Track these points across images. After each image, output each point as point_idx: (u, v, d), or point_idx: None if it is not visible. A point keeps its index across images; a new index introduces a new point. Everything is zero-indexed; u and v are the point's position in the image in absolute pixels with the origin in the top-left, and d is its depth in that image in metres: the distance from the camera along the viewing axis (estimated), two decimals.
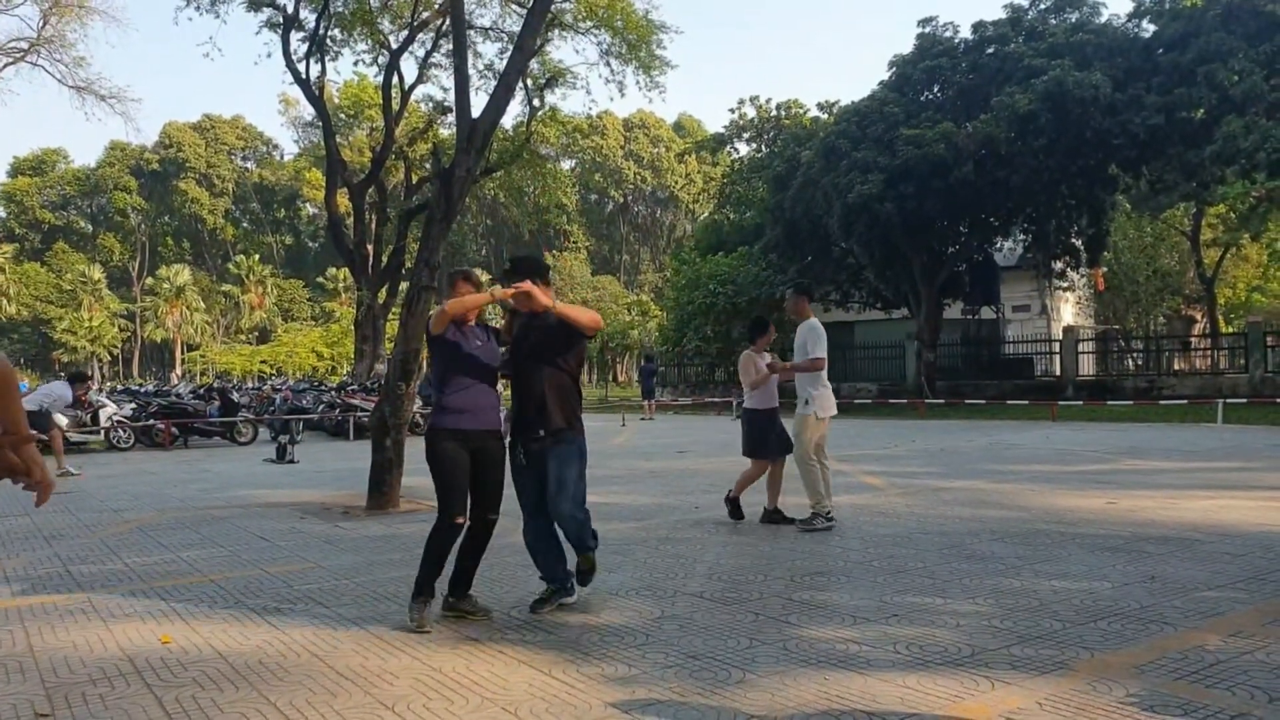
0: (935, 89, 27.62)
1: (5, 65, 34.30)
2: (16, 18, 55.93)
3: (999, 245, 30.47)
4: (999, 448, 14.45)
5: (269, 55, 33.48)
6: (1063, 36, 24.76)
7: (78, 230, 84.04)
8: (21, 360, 75.38)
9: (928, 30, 27.93)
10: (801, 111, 38.69)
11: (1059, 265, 29.41)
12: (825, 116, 34.85)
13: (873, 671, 3.73)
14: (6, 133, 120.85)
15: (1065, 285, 32.64)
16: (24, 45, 33.98)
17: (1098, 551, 6.09)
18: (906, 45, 28.52)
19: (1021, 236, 29.21)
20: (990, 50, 26.44)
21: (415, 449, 10.99)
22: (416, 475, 10.73)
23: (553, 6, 23.11)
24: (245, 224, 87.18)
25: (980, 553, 6.11)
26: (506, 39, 26.25)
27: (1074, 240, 28.24)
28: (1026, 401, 23.87)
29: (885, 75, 28.67)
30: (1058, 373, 28.63)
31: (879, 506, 8.32)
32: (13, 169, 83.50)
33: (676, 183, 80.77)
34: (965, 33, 27.40)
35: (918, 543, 6.50)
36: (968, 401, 24.45)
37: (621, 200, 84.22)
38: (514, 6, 24.71)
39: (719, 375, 33.85)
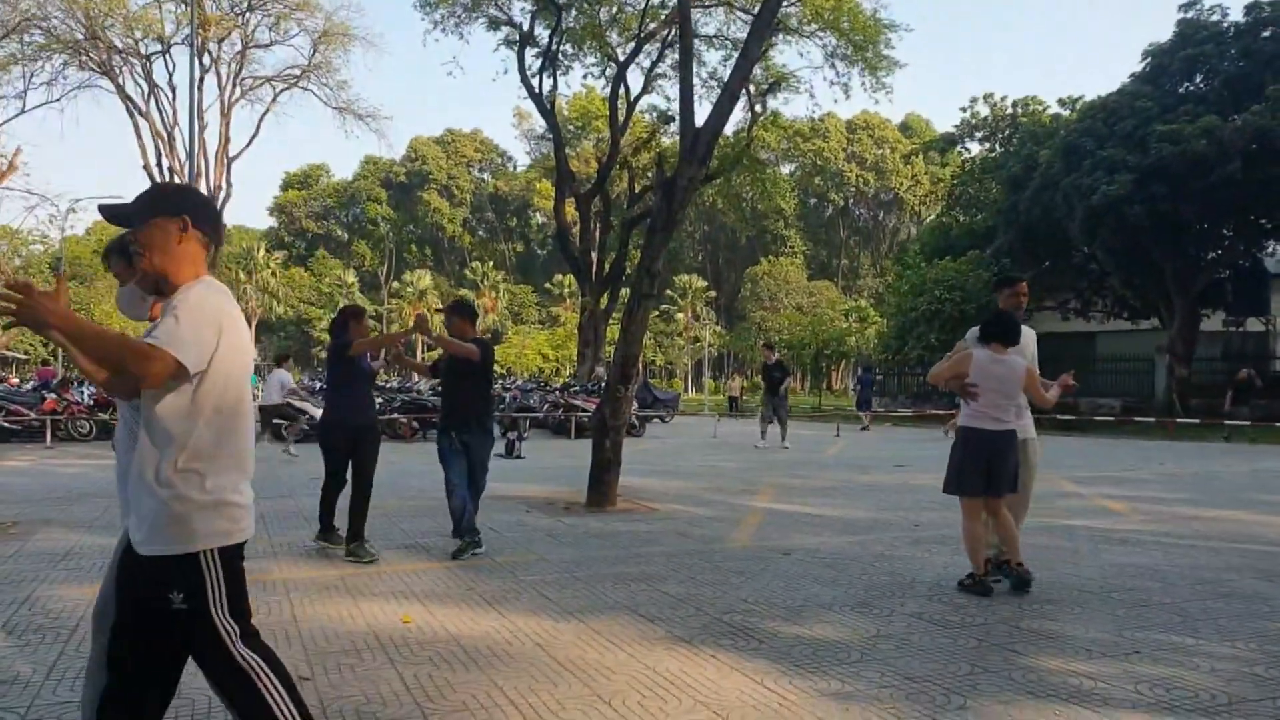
0: (1197, 79, 25.13)
1: (282, 90, 38.50)
2: (291, 48, 62.37)
3: (1271, 250, 27.29)
4: (1266, 475, 12.96)
5: (505, 71, 35.60)
6: None
7: (336, 238, 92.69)
8: (287, 356, 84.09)
9: (1190, 15, 25.48)
10: (1040, 109, 36.32)
11: None
12: (1067, 113, 32.52)
13: (1109, 710, 3.47)
14: (281, 150, 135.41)
15: None
16: (296, 72, 37.97)
17: None
18: (1163, 34, 26.18)
19: None
20: (1266, 34, 23.75)
21: (627, 450, 11.31)
22: (632, 475, 11.07)
23: (779, 10, 23.19)
24: (481, 232, 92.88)
25: (1241, 591, 5.51)
26: (730, 46, 26.50)
27: None
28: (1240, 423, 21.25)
29: (1138, 67, 26.46)
30: None
31: (1120, 534, 7.68)
32: (284, 183, 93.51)
33: (901, 184, 78.15)
34: (1236, 16, 24.80)
35: (1164, 575, 5.95)
36: (1228, 422, 22.04)
37: (842, 204, 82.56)
38: (739, 14, 24.92)
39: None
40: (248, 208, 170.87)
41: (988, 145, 37.43)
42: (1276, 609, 5.07)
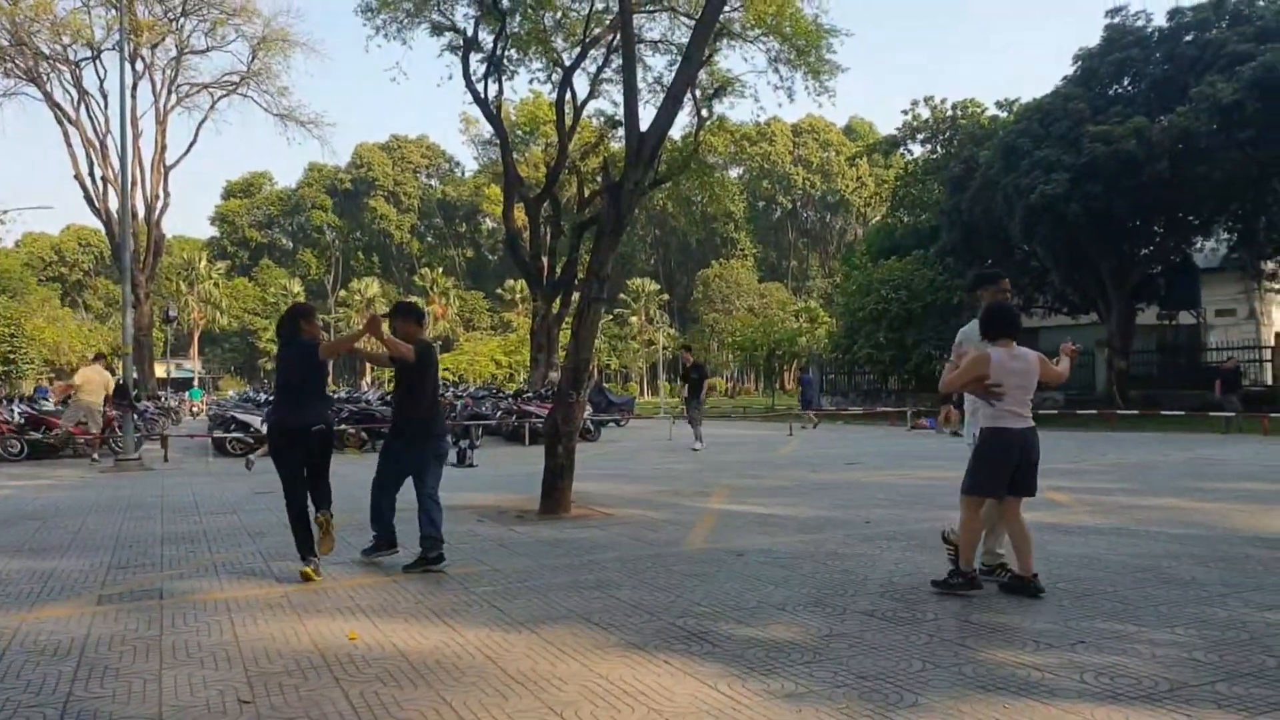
0: (1125, 82, 25.84)
1: (221, 97, 37.79)
2: (229, 54, 61.32)
3: (1199, 245, 28.10)
4: (1200, 463, 13.33)
5: (450, 77, 35.51)
6: (1272, 19, 22.64)
7: (280, 247, 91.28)
8: (232, 368, 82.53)
9: (1117, 20, 26.19)
10: (979, 111, 37.08)
11: (1270, 265, 26.82)
12: (1005, 115, 33.23)
13: (1056, 701, 3.51)
14: (221, 159, 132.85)
15: (1277, 287, 29.74)
16: (235, 79, 37.28)
17: None
18: (1092, 39, 26.85)
19: (1225, 236, 26.82)
20: (1188, 38, 24.49)
21: (582, 456, 11.25)
22: (587, 480, 11.01)
23: (721, 16, 23.33)
24: (429, 238, 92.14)
25: (1180, 578, 5.64)
26: (675, 51, 26.59)
27: None
28: (1232, 414, 21.87)
29: (1069, 70, 27.11)
30: (1269, 382, 26.10)
31: (1065, 525, 7.83)
32: (226, 191, 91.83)
33: (847, 187, 79.26)
34: (1160, 21, 25.60)
35: (1107, 564, 6.07)
36: (1164, 412, 22.66)
37: (790, 206, 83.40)
38: (683, 19, 25.03)
39: (893, 383, 32.85)
40: (188, 217, 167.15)
41: (929, 147, 38.11)
42: (1213, 594, 5.20)
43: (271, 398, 14.95)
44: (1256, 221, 24.55)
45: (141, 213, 35.68)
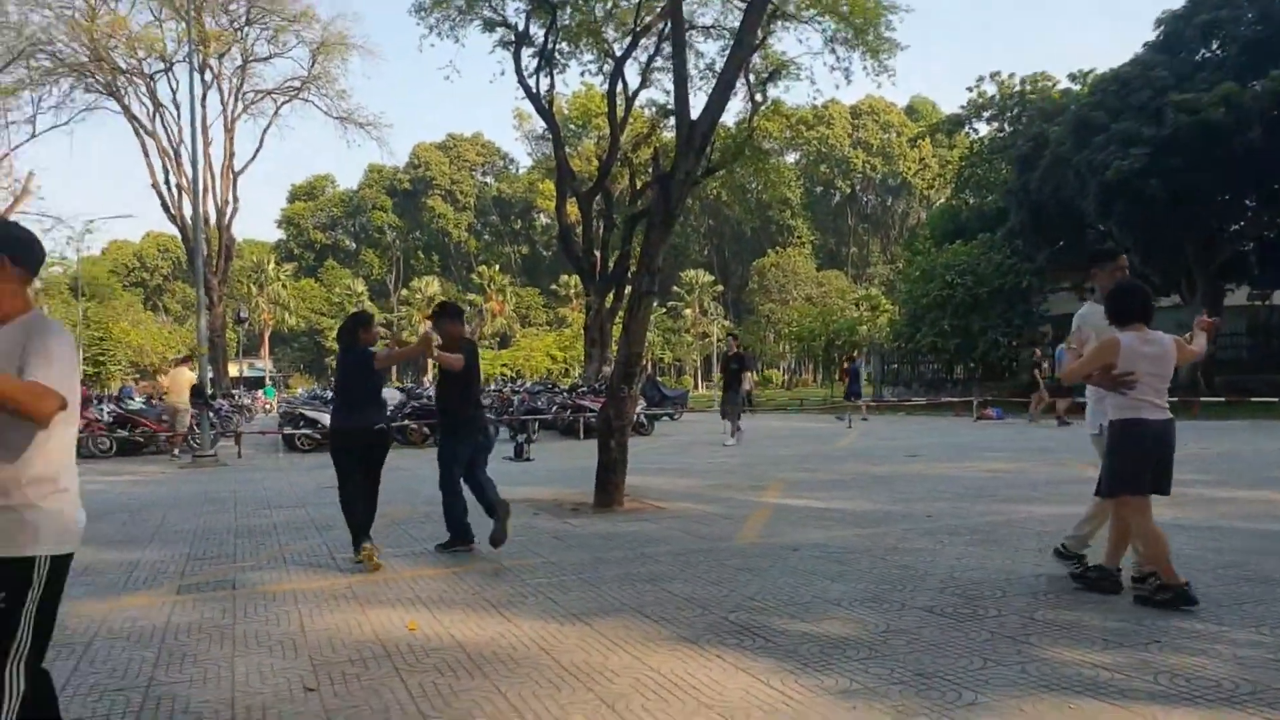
0: (1214, 45, 24.58)
1: (283, 102, 38.64)
2: (290, 60, 62.53)
3: None
4: None
5: (502, 73, 35.55)
6: None
7: (343, 248, 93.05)
8: (300, 366, 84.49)
9: None
10: (1049, 85, 35.87)
11: None
12: (1078, 88, 32.01)
13: (1127, 702, 3.35)
14: (285, 163, 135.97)
15: None
16: (297, 84, 38.08)
17: None
18: (1176, 2, 25.54)
19: None
20: None
21: (636, 449, 11.21)
22: (640, 474, 10.97)
23: None
24: (486, 236, 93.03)
25: (1269, 575, 5.35)
26: (728, 36, 26.30)
27: None
28: None
29: (1151, 36, 25.99)
30: None
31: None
32: (291, 195, 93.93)
33: (909, 169, 77.71)
34: None
35: (1188, 560, 5.77)
36: (1254, 399, 21.66)
37: (849, 191, 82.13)
38: (735, 3, 24.73)
39: (958, 372, 32.15)
40: (256, 221, 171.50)
41: (996, 125, 37.13)
42: None
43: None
44: None
45: (213, 218, 36.79)
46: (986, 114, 37.20)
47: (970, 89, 37.17)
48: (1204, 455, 12.66)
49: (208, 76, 36.10)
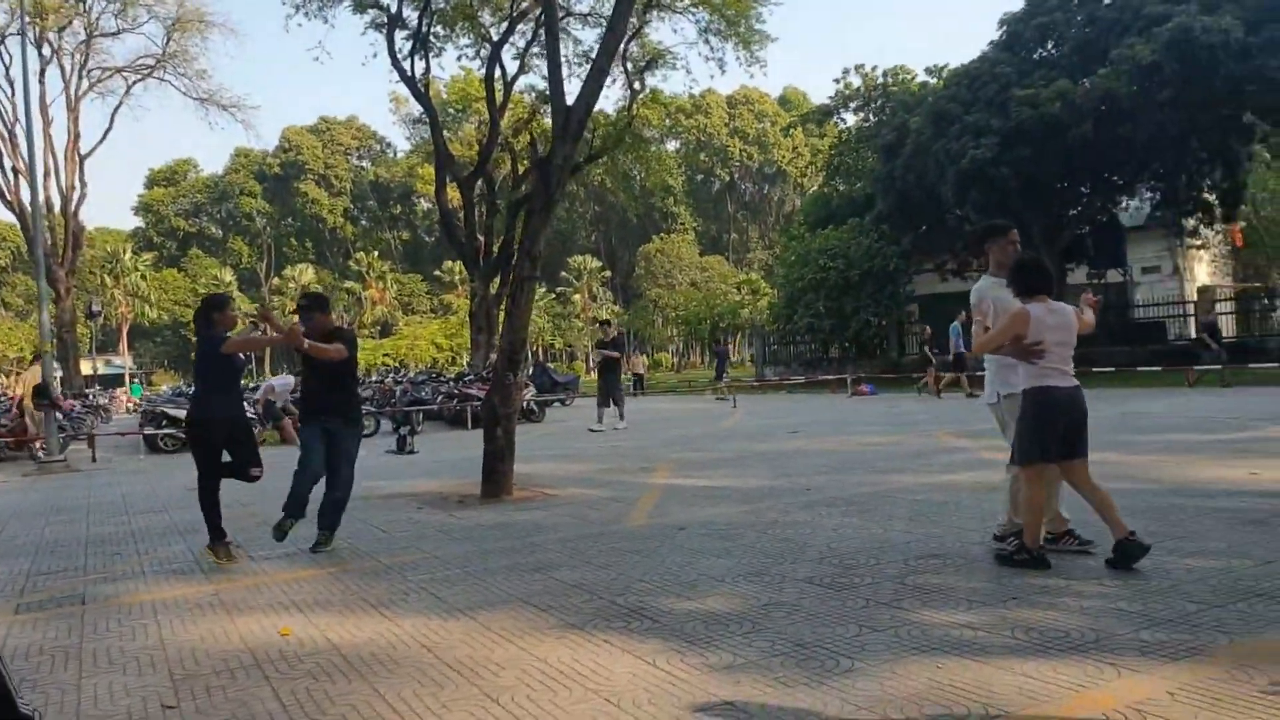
0: (1049, 45, 26.28)
1: (135, 81, 36.52)
2: (143, 35, 59.22)
3: (1124, 205, 28.85)
4: (1130, 417, 13.70)
5: (375, 55, 34.45)
6: None
7: (209, 236, 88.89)
8: (165, 362, 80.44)
9: None
10: (909, 78, 37.40)
11: (1191, 223, 27.68)
12: (934, 81, 33.56)
13: (988, 659, 3.56)
14: (142, 146, 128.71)
15: (1199, 243, 30.68)
16: (151, 62, 36.03)
17: (1239, 526, 5.67)
18: (1017, 3, 27.16)
19: (1148, 195, 27.60)
20: (1108, 1, 24.98)
21: (526, 437, 11.16)
22: (530, 462, 10.93)
23: None
24: (364, 221, 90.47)
25: (1105, 529, 5.75)
26: (605, 23, 26.29)
27: (1207, 195, 26.45)
28: (1159, 368, 22.54)
29: (995, 35, 27.45)
30: (1192, 336, 26.95)
31: (996, 482, 7.95)
32: (149, 180, 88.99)
33: (784, 157, 79.55)
34: None
35: None
36: (1095, 370, 23.16)
37: (728, 179, 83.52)
38: None
39: (834, 351, 33.21)
40: (110, 208, 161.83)
41: (862, 115, 38.36)
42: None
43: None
44: (1177, 180, 25.24)
45: (58, 205, 34.46)
46: (853, 105, 38.43)
47: (837, 80, 38.33)
48: None
49: (45, 51, 33.75)
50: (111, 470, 15.01)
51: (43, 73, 33.03)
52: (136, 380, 56.89)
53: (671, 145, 74.86)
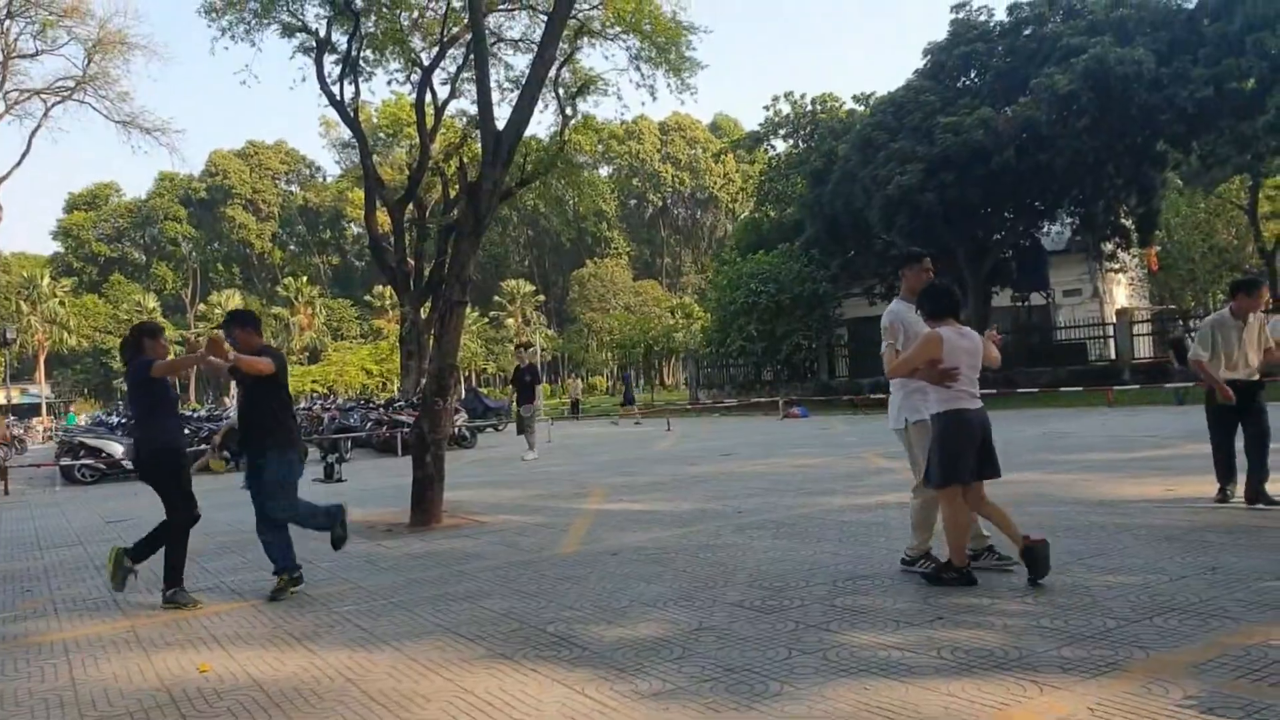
0: (972, 74, 27.12)
1: (54, 104, 35.42)
2: (62, 57, 57.52)
3: (1046, 230, 29.84)
4: (1052, 437, 14.09)
5: (304, 79, 33.98)
6: (1102, 13, 24.17)
7: (132, 261, 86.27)
8: (85, 390, 77.59)
9: (962, 15, 27.46)
10: (837, 105, 38.24)
11: (1109, 247, 28.71)
12: (861, 109, 34.37)
13: (914, 679, 3.60)
14: (61, 170, 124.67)
15: (1117, 267, 31.82)
16: (70, 84, 35.00)
17: (1155, 542, 5.85)
18: (940, 33, 28.06)
19: (1069, 220, 28.61)
20: (1027, 32, 25.91)
21: (457, 463, 11.00)
22: (461, 489, 10.78)
23: (580, 13, 23.26)
24: (292, 246, 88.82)
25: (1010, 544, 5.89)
26: (536, 49, 26.35)
27: (1124, 220, 27.55)
28: (1081, 388, 23.29)
29: (920, 64, 28.26)
30: (1113, 357, 27.92)
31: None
32: (68, 204, 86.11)
33: (715, 183, 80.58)
34: (1001, 15, 26.91)
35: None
36: (1019, 390, 23.92)
37: (660, 204, 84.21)
38: (541, 16, 24.80)
39: (766, 374, 33.55)
40: (27, 233, 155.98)
41: (791, 142, 39.04)
42: (1059, 562, 5.40)
43: (124, 419, 14.09)
44: (1095, 205, 26.18)
45: None
46: (782, 131, 39.10)
47: (767, 107, 38.98)
48: None
49: None
50: (25, 504, 14.37)
51: None
52: (71, 410, 54.62)
53: (604, 170, 75.26)
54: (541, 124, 52.74)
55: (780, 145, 40.09)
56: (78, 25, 33.81)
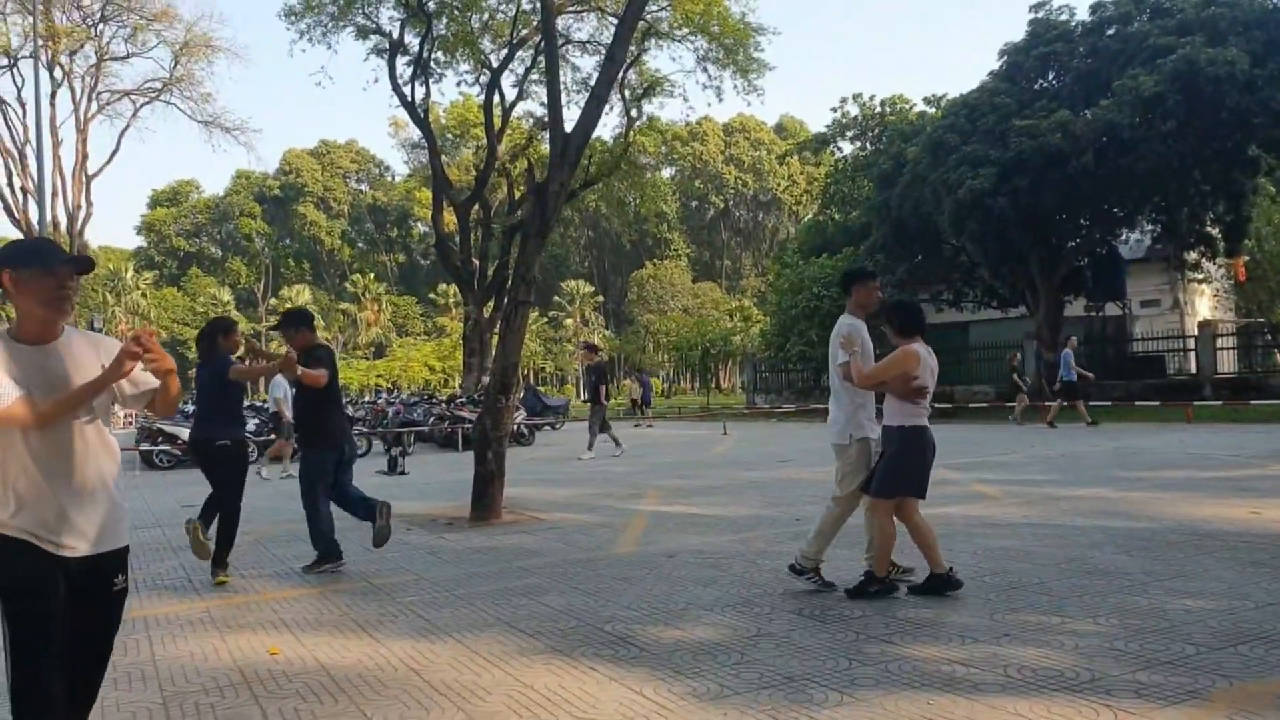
0: (1050, 76, 26.36)
1: (143, 104, 36.70)
2: (151, 60, 59.58)
3: (1124, 237, 28.84)
4: (1126, 452, 13.68)
5: (376, 80, 34.53)
6: (1192, 12, 23.24)
7: (209, 256, 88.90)
8: None
9: (1040, 15, 26.73)
10: (907, 107, 37.63)
11: (1192, 256, 27.63)
12: (932, 111, 33.75)
13: (980, 696, 3.52)
14: (146, 167, 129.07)
15: (1200, 277, 30.67)
16: (158, 85, 36.24)
17: (1239, 567, 5.61)
18: (1018, 34, 27.35)
19: (1149, 227, 27.58)
20: (1111, 31, 25.09)
21: (516, 460, 11.09)
22: (520, 486, 10.88)
23: (648, 15, 23.33)
24: (360, 244, 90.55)
25: (1104, 567, 5.72)
26: (603, 51, 26.49)
27: (1209, 229, 26.44)
28: (1158, 403, 22.50)
29: (995, 65, 27.61)
30: (1193, 371, 26.95)
31: (992, 517, 7.93)
32: (152, 201, 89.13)
33: (779, 185, 79.98)
34: (1082, 15, 26.08)
35: (1034, 556, 6.14)
36: (1092, 404, 23.18)
37: (722, 205, 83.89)
38: (610, 19, 24.94)
39: (824, 381, 33.20)
40: (114, 227, 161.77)
41: (859, 144, 38.55)
42: (1135, 582, 5.28)
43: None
44: (1179, 213, 25.20)
45: (64, 224, 34.54)
46: (850, 133, 38.61)
47: (834, 109, 38.58)
48: (1048, 456, 13.43)
49: (57, 74, 33.92)
50: None
51: (54, 95, 33.17)
52: None
53: (667, 172, 75.24)
54: (606, 125, 52.83)
55: (847, 147, 39.65)
56: (166, 29, 35.04)
